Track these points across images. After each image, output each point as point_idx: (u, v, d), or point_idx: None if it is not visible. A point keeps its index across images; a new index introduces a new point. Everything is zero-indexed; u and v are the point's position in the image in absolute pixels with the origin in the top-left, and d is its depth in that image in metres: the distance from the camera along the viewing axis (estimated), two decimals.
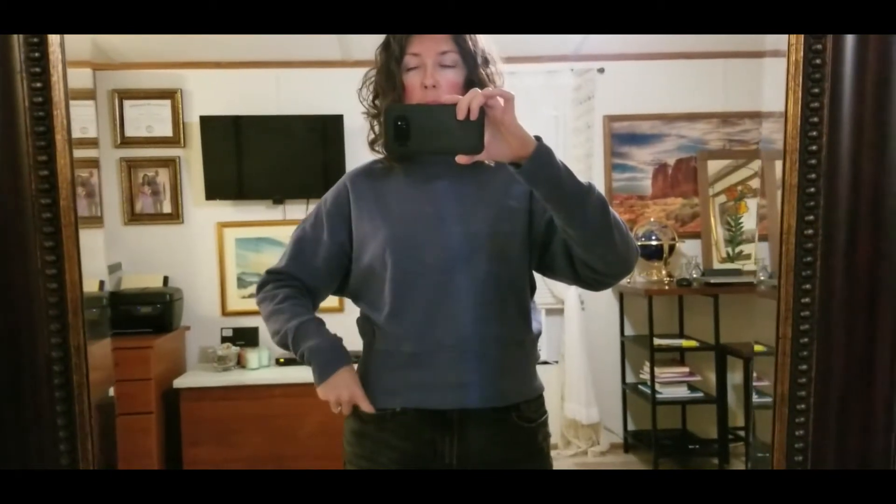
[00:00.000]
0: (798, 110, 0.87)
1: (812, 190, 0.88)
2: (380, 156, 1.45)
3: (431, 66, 1.31)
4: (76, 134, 0.87)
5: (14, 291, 0.87)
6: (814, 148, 0.87)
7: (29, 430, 0.88)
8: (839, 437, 0.92)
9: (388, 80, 1.35)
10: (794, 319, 0.90)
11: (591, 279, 1.31)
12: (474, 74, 1.34)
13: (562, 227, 1.22)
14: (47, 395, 0.87)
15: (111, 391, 1.00)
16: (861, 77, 0.87)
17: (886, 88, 0.87)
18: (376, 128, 1.43)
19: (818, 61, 0.86)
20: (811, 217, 0.88)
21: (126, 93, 4.11)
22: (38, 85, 0.82)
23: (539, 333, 1.44)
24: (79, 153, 0.89)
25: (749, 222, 4.23)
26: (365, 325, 1.42)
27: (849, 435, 0.92)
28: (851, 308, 0.90)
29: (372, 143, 1.44)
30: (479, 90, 1.06)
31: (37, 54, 0.82)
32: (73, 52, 0.88)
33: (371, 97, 1.42)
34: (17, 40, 0.85)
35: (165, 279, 4.10)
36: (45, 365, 0.87)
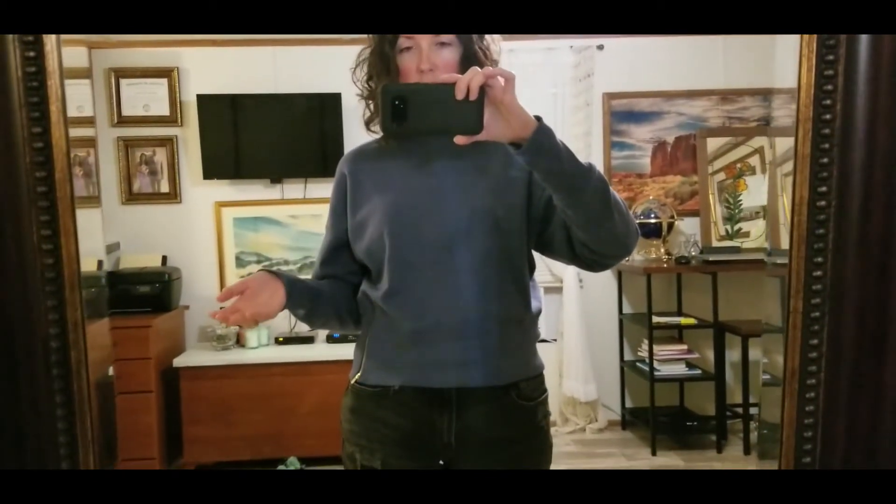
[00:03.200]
0: (812, 78, 0.84)
1: (825, 160, 0.86)
2: (376, 136, 1.43)
3: (427, 48, 1.28)
4: (72, 113, 0.85)
5: (9, 267, 0.85)
6: (828, 117, 0.84)
7: (26, 408, 0.87)
8: (850, 413, 0.90)
9: (381, 61, 1.33)
10: (805, 293, 0.89)
11: (589, 260, 1.29)
12: (470, 50, 1.32)
13: (561, 207, 1.20)
14: (44, 372, 0.85)
15: (110, 370, 0.98)
16: (877, 44, 0.85)
17: None
18: (371, 107, 1.41)
19: None
20: (824, 188, 0.86)
21: (122, 71, 4.07)
22: (32, 54, 0.79)
23: (539, 312, 1.43)
24: (75, 132, 0.87)
25: (748, 200, 4.22)
26: (364, 302, 1.41)
27: (860, 410, 0.90)
28: (864, 281, 0.88)
29: (368, 123, 1.42)
30: (479, 69, 1.03)
31: None
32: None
33: (365, 78, 1.39)
34: None
35: (164, 259, 4.09)
36: (43, 342, 0.85)
